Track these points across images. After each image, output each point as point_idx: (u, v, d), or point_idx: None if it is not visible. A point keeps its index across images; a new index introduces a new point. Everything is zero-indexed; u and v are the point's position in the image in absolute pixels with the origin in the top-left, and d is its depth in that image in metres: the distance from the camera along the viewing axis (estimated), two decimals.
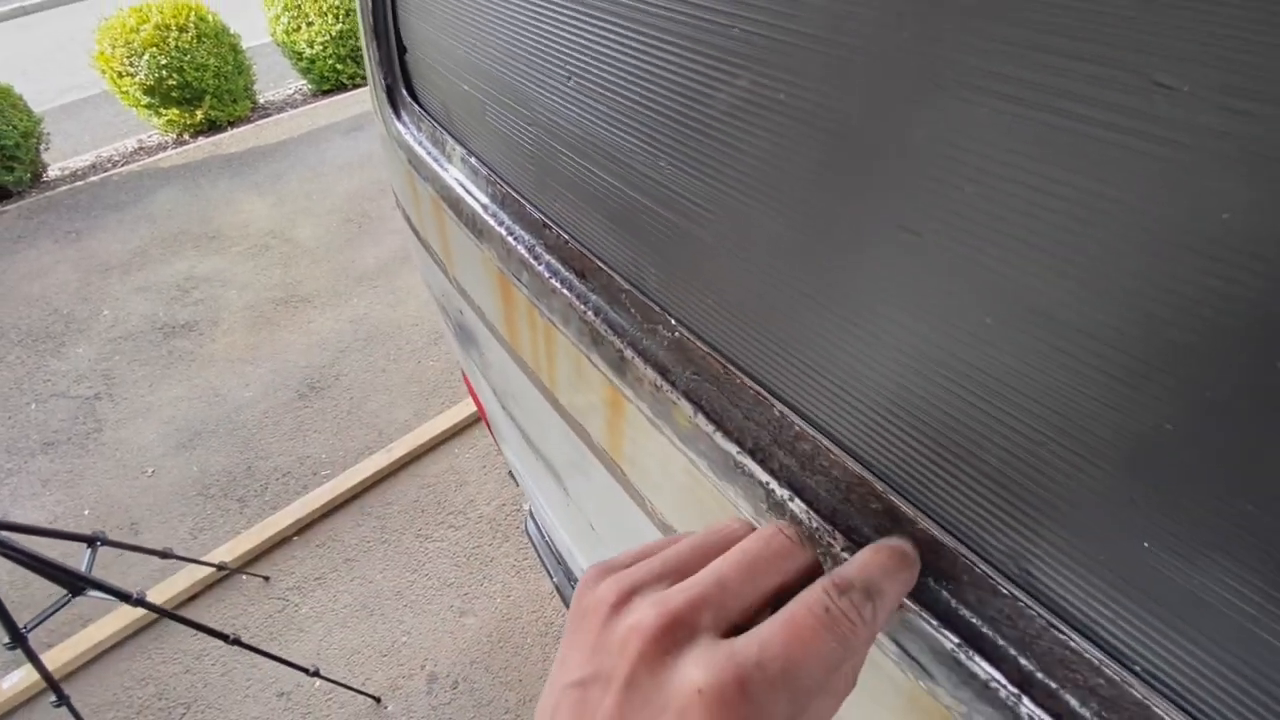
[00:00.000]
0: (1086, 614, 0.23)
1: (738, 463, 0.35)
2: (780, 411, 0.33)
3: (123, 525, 2.20)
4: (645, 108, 0.35)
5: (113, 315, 3.06)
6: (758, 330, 0.33)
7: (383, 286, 3.12)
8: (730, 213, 0.32)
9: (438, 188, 0.63)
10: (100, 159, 4.41)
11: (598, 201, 0.42)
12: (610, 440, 0.48)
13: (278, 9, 4.57)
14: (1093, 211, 0.18)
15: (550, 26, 0.40)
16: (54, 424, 2.56)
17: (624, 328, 0.42)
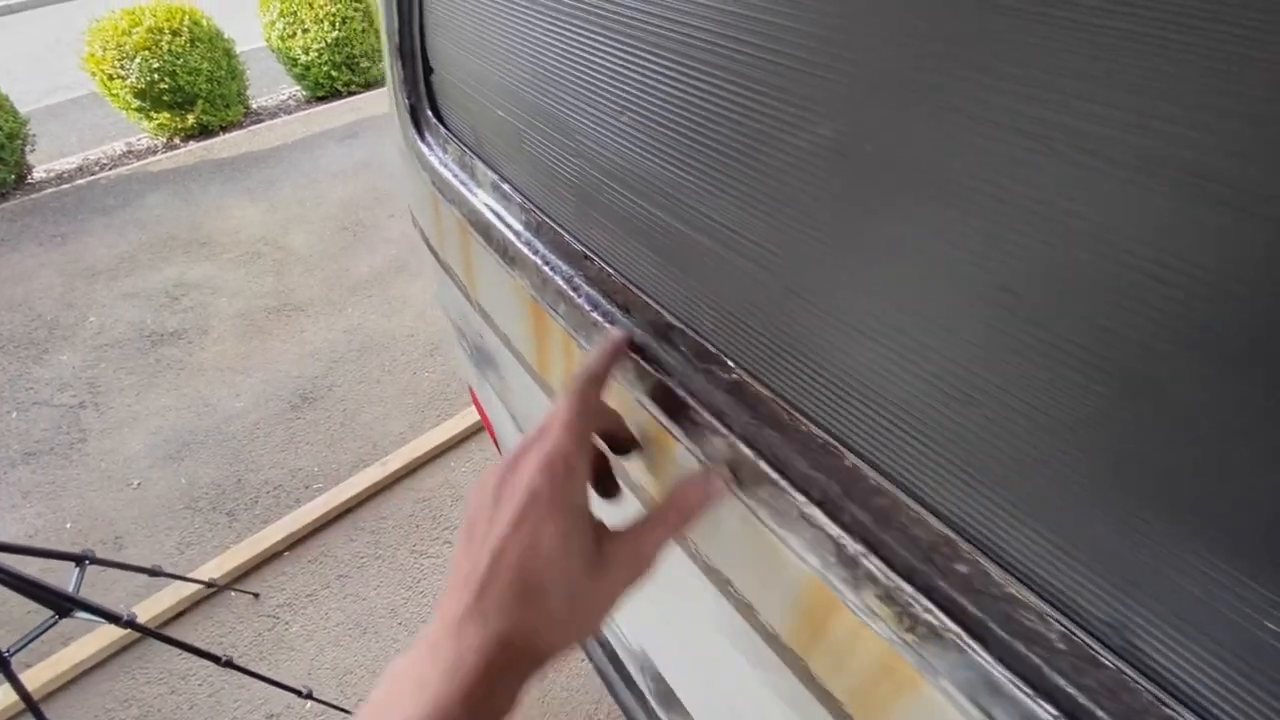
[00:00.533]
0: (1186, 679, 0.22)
1: (804, 514, 0.33)
2: (853, 463, 0.32)
3: (107, 539, 2.14)
4: (707, 146, 0.34)
5: (99, 322, 3.00)
6: (827, 376, 0.33)
7: (377, 296, 3.09)
8: (797, 255, 0.31)
9: (464, 211, 0.62)
10: (87, 162, 4.35)
11: (649, 237, 0.41)
12: (652, 478, 0.47)
13: (273, 15, 4.54)
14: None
15: (604, 59, 0.39)
16: (36, 433, 2.49)
17: (673, 366, 0.41)
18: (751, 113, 0.31)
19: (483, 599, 0.31)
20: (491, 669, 0.30)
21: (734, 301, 0.36)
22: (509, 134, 0.53)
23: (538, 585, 0.32)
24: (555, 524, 0.33)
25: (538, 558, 0.32)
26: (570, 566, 0.33)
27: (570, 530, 0.33)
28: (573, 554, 0.33)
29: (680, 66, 0.34)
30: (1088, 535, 0.24)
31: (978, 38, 0.22)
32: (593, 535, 0.35)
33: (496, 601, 0.31)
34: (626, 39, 0.37)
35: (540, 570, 0.32)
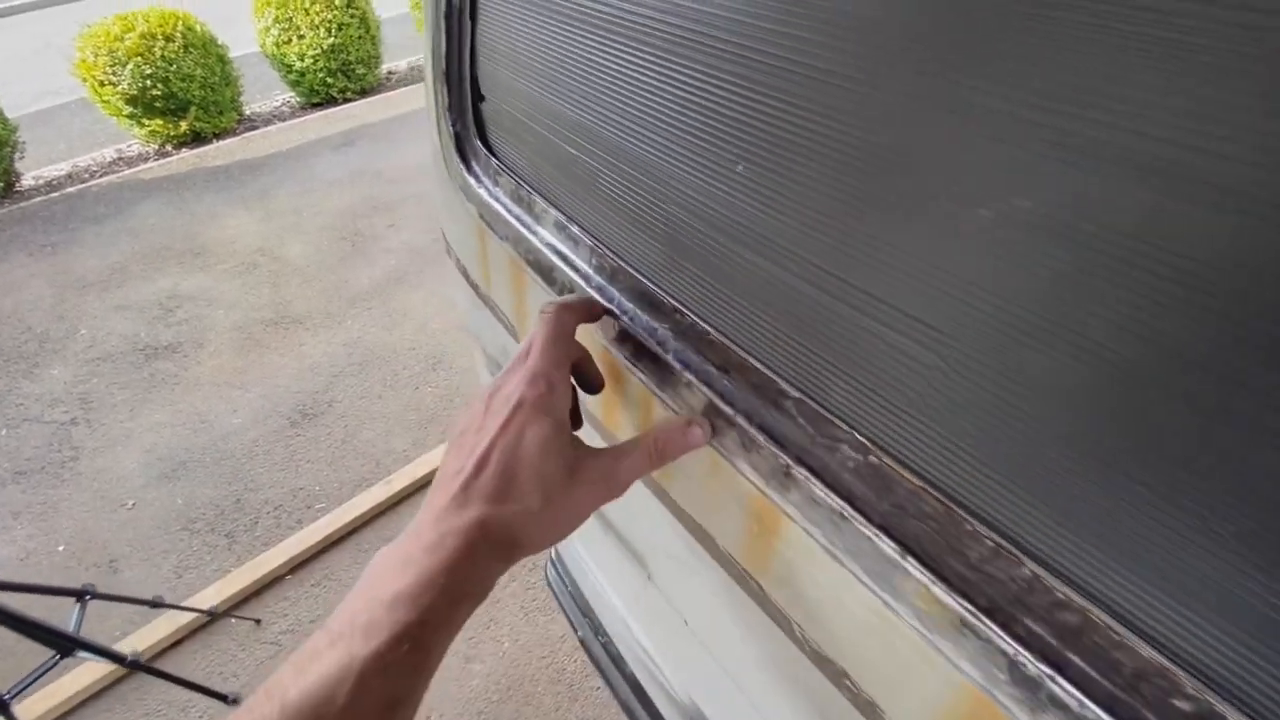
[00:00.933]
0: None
1: (966, 623, 0.30)
2: (1033, 572, 0.28)
3: (101, 563, 2.07)
4: (850, 202, 0.31)
5: (90, 335, 2.92)
6: (995, 469, 0.29)
7: (377, 308, 3.03)
8: (964, 331, 0.28)
9: (521, 250, 0.58)
10: (77, 169, 4.26)
11: (759, 297, 0.37)
12: (748, 553, 0.43)
13: (268, 21, 4.48)
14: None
15: (714, 102, 0.36)
16: (26, 451, 2.41)
17: (789, 439, 0.37)
18: (914, 167, 0.28)
19: (467, 489, 0.35)
20: (471, 548, 0.34)
21: (868, 374, 0.33)
22: (580, 172, 0.49)
23: (517, 478, 0.36)
24: (538, 427, 0.37)
25: (520, 455, 0.36)
26: (547, 466, 0.37)
27: (550, 436, 0.37)
28: (550, 456, 0.37)
29: (816, 112, 0.31)
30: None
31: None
32: (571, 446, 0.39)
33: (479, 491, 0.35)
34: (746, 81, 0.34)
35: (521, 466, 0.36)
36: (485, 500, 0.35)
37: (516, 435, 0.37)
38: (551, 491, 0.37)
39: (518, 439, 0.37)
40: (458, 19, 0.59)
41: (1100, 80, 0.22)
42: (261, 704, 0.30)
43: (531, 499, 0.36)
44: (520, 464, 0.36)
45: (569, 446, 0.38)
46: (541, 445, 0.37)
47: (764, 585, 0.43)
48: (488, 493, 0.35)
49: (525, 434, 0.37)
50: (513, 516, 0.35)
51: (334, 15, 4.54)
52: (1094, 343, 0.24)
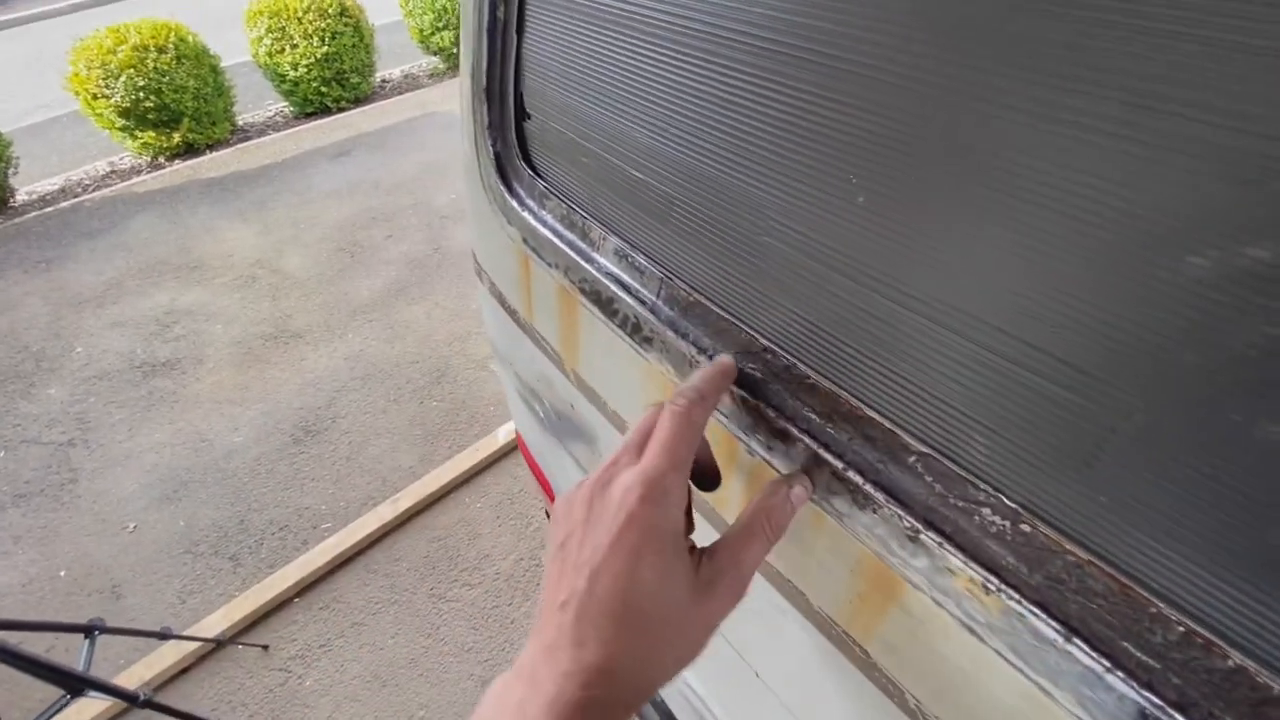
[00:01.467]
0: None
1: (1148, 715, 0.26)
2: (1236, 663, 0.25)
3: (103, 588, 2.01)
4: (992, 239, 0.27)
5: (86, 353, 2.86)
6: (1180, 545, 0.25)
7: (379, 321, 2.98)
8: (1143, 389, 0.25)
9: (575, 279, 0.54)
10: (70, 183, 4.20)
11: (877, 339, 0.34)
12: (852, 616, 0.39)
13: (260, 30, 4.44)
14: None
15: (826, 124, 0.32)
16: (25, 474, 2.35)
17: (916, 498, 0.34)
18: (1054, 199, 0.25)
19: (581, 623, 0.31)
20: (591, 701, 0.29)
21: (1017, 429, 0.29)
22: (650, 198, 0.46)
23: (639, 613, 0.31)
24: (655, 552, 0.32)
25: (639, 586, 0.31)
26: (673, 596, 0.32)
27: (672, 559, 0.33)
28: (675, 583, 0.32)
29: (953, 127, 0.27)
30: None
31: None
32: (690, 560, 0.34)
33: (595, 627, 0.30)
34: (856, 95, 0.30)
35: (642, 599, 0.31)
36: (603, 640, 0.30)
37: (632, 560, 0.31)
38: (679, 619, 0.32)
39: (633, 564, 0.31)
40: (501, 33, 0.56)
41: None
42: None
43: (657, 634, 0.31)
44: (640, 595, 0.31)
45: (689, 564, 0.33)
46: (662, 572, 0.32)
47: (870, 651, 0.39)
48: (605, 630, 0.30)
49: (642, 559, 0.31)
50: (637, 656, 0.31)
51: (327, 24, 4.50)
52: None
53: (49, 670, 1.00)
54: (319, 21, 4.50)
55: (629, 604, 0.31)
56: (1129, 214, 0.24)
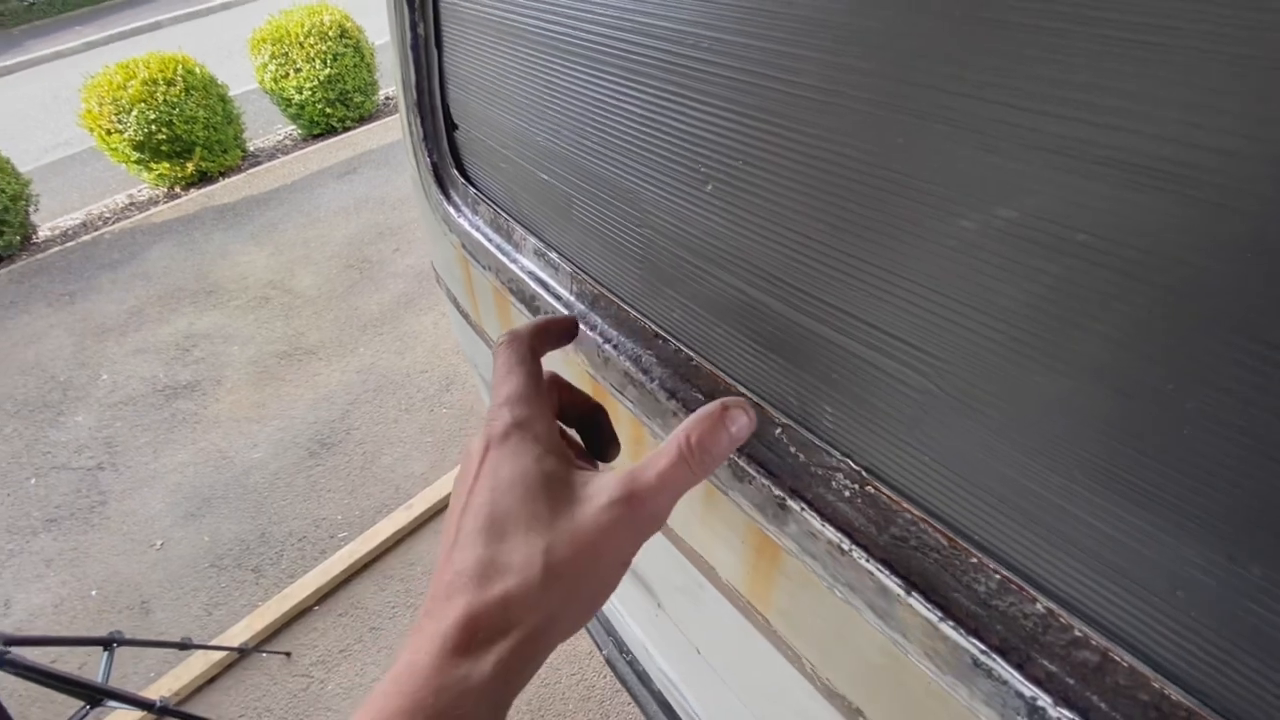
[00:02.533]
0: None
1: (979, 661, 0.28)
2: (1046, 608, 0.26)
3: (133, 604, 2.10)
4: (817, 219, 0.29)
5: (111, 379, 2.97)
6: (991, 497, 0.27)
7: (388, 334, 3.05)
8: (953, 351, 0.26)
9: (504, 279, 0.56)
10: (91, 217, 4.35)
11: (742, 321, 0.35)
12: (750, 585, 0.41)
13: (265, 57, 4.55)
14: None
15: (681, 123, 0.34)
16: (55, 499, 2.46)
17: (781, 469, 0.35)
18: (878, 183, 0.26)
19: (449, 580, 0.26)
20: (449, 666, 0.24)
21: (859, 399, 0.31)
22: (554, 198, 0.48)
23: (501, 532, 0.27)
24: (510, 463, 0.28)
25: (496, 503, 0.27)
26: (537, 506, 0.27)
27: (530, 467, 0.28)
28: (537, 491, 0.27)
29: (778, 131, 0.29)
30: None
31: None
32: (569, 474, 0.29)
33: (459, 574, 0.26)
34: (708, 100, 0.32)
35: (501, 514, 0.27)
36: (468, 586, 0.25)
37: (489, 485, 0.28)
38: (554, 541, 0.26)
39: (491, 489, 0.28)
40: (424, 49, 0.58)
41: (1091, 82, 0.20)
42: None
43: (526, 560, 0.26)
44: (501, 518, 0.27)
45: (565, 475, 0.28)
46: (522, 482, 0.27)
47: (769, 619, 0.41)
48: (469, 574, 0.25)
49: (499, 477, 0.28)
50: (508, 596, 0.25)
51: (328, 46, 4.60)
52: (1089, 358, 0.22)
53: (68, 683, 1.06)
54: (320, 44, 4.60)
55: (491, 522, 0.27)
56: (937, 197, 0.25)
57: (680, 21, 0.32)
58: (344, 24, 4.71)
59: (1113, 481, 0.23)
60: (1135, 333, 0.21)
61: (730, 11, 0.29)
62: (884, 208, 0.27)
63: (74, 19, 10.26)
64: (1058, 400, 0.23)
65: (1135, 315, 0.21)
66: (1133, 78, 0.19)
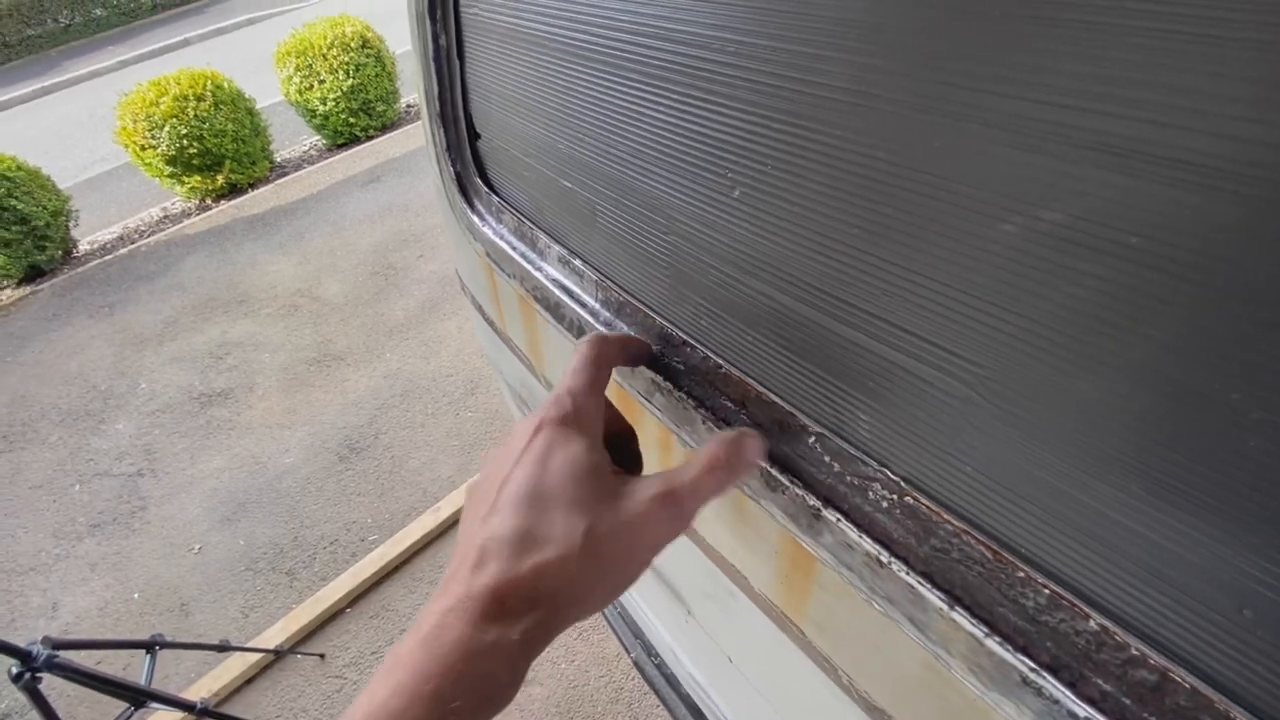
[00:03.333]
0: None
1: (1028, 679, 0.27)
2: (1100, 625, 0.25)
3: (173, 607, 2.15)
4: (859, 229, 0.28)
5: (150, 388, 3.06)
6: (1037, 508, 0.26)
7: (414, 339, 3.09)
8: (996, 359, 0.25)
9: (528, 287, 0.56)
10: (128, 230, 4.49)
11: (772, 327, 0.35)
12: (784, 595, 0.40)
13: (289, 70, 4.64)
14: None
15: (708, 131, 0.33)
16: (99, 505, 2.54)
17: (816, 479, 0.34)
18: (909, 186, 0.25)
19: (481, 548, 0.27)
20: (480, 631, 0.25)
21: (895, 407, 0.30)
22: (578, 206, 0.48)
23: (544, 512, 0.27)
24: (565, 448, 0.29)
25: (544, 482, 0.28)
26: (582, 490, 0.28)
27: (581, 455, 0.29)
28: (584, 478, 0.28)
29: (806, 134, 0.28)
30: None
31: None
32: (610, 471, 0.30)
33: (494, 544, 0.27)
34: (733, 104, 0.31)
35: (546, 496, 0.28)
36: (502, 554, 0.26)
37: (537, 461, 0.28)
38: (595, 523, 0.27)
39: (539, 465, 0.28)
40: (446, 60, 0.58)
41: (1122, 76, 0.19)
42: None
43: (566, 536, 0.27)
44: (545, 494, 0.28)
45: (607, 471, 0.30)
46: (570, 466, 0.28)
47: (804, 630, 0.40)
48: (504, 542, 0.26)
49: (549, 457, 0.29)
50: (542, 568, 0.26)
51: (350, 57, 4.67)
52: (1138, 363, 0.21)
53: (113, 685, 1.09)
54: (343, 56, 4.68)
55: (532, 504, 0.27)
56: (976, 200, 0.24)
57: (702, 25, 0.31)
58: (365, 34, 4.79)
59: (1168, 491, 0.22)
60: (1189, 337, 0.20)
61: (753, 14, 0.29)
62: (917, 210, 0.26)
63: (107, 39, 10.60)
64: (1107, 407, 0.22)
65: (1186, 318, 0.19)
66: (1178, 71, 0.18)
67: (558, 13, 0.42)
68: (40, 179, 3.93)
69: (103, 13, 11.11)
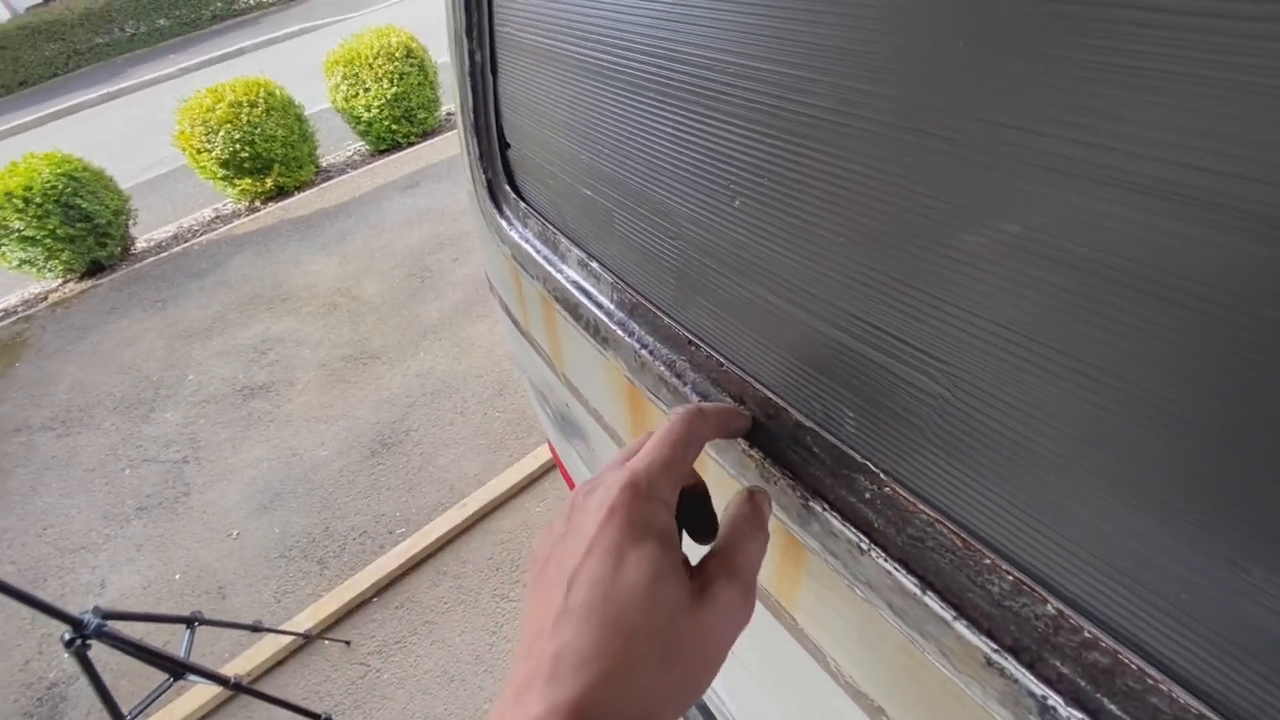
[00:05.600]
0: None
1: (991, 661, 0.28)
2: (1055, 609, 0.27)
3: (211, 589, 2.25)
4: (843, 236, 0.30)
5: (197, 380, 3.20)
6: (1009, 501, 0.28)
7: (446, 339, 3.17)
8: (967, 359, 0.27)
9: (550, 288, 0.60)
10: (181, 229, 4.70)
11: (767, 326, 0.37)
12: (778, 584, 0.42)
13: (337, 78, 4.82)
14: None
15: (712, 144, 0.36)
16: (146, 489, 2.67)
17: (805, 471, 0.37)
18: (887, 200, 0.28)
19: (555, 647, 0.25)
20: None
21: (877, 404, 0.32)
22: (597, 212, 0.51)
23: (623, 619, 0.25)
24: (640, 547, 0.27)
25: (622, 585, 0.26)
26: (664, 599, 0.26)
27: (660, 555, 0.27)
28: (667, 584, 0.26)
29: (806, 149, 0.31)
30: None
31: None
32: (681, 557, 0.29)
33: (571, 649, 0.24)
34: (733, 120, 0.34)
35: (625, 600, 0.25)
36: (580, 664, 0.24)
37: (612, 557, 0.26)
38: (672, 628, 0.26)
39: (615, 562, 0.26)
40: (480, 74, 0.62)
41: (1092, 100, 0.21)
42: None
43: (645, 646, 0.25)
44: (622, 603, 0.25)
45: (680, 567, 0.28)
46: (651, 571, 0.26)
47: (796, 617, 0.42)
48: (582, 657, 0.24)
49: (625, 557, 0.26)
50: (621, 681, 0.24)
51: (395, 66, 4.83)
52: (1088, 365, 0.23)
53: (155, 656, 1.15)
54: (388, 65, 4.84)
55: (610, 608, 0.25)
56: (944, 212, 0.27)
57: (706, 48, 0.34)
58: (409, 45, 4.94)
59: (1114, 485, 0.24)
60: (1129, 340, 0.22)
61: (748, 39, 0.32)
62: (893, 220, 0.28)
63: (169, 47, 11.13)
64: (1060, 404, 0.24)
65: (1126, 323, 0.21)
66: (1126, 102, 0.20)
67: (580, 34, 0.45)
68: (103, 179, 4.16)
69: (166, 22, 11.69)
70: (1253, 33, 0.17)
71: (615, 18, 0.41)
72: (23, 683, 2.09)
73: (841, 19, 0.28)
